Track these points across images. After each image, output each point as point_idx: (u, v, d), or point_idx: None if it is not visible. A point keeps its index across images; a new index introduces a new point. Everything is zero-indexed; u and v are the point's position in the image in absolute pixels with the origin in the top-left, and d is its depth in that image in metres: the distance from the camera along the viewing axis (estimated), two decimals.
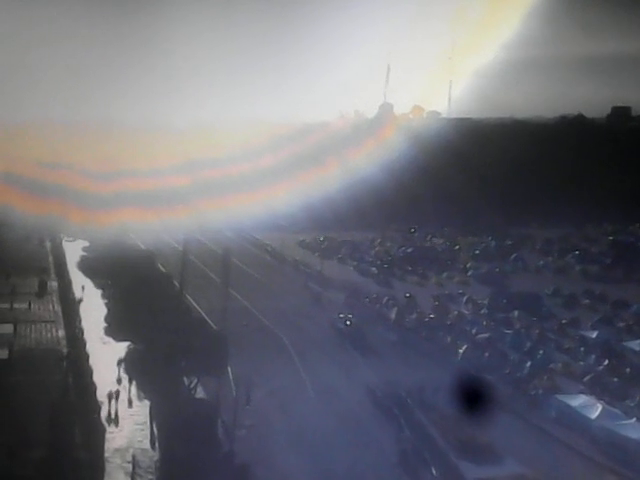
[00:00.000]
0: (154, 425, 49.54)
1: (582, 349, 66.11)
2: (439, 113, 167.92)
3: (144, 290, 63.23)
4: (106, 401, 50.85)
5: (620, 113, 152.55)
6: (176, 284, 70.47)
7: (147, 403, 52.49)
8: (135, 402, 53.24)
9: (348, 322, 70.70)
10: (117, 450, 45.87)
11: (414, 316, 74.99)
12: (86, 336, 63.32)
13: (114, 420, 49.68)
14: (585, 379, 59.07)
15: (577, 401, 52.38)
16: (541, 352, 64.60)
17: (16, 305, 75.42)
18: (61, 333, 67.66)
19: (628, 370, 60.50)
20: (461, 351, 63.91)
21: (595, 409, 50.59)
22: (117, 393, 52.06)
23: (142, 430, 48.99)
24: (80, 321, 67.70)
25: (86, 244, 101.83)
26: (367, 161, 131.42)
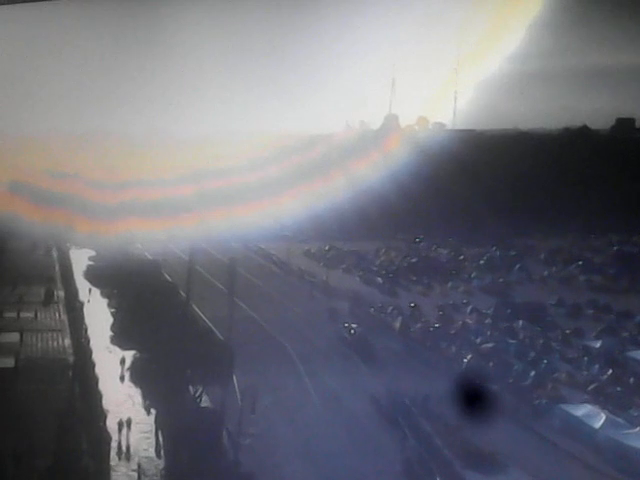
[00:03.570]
0: (159, 433, 49.78)
1: (586, 359, 66.21)
2: (444, 124, 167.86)
3: (150, 299, 63.45)
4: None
5: (624, 125, 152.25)
6: (182, 293, 70.78)
7: (153, 411, 52.73)
8: (141, 410, 53.49)
9: (353, 331, 70.94)
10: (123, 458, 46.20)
11: (419, 326, 75.19)
12: (92, 345, 63.68)
13: (125, 455, 49.41)
14: (589, 389, 59.18)
15: (581, 410, 52.50)
16: (545, 362, 64.73)
17: (23, 314, 75.78)
18: (67, 342, 68.03)
19: (632, 380, 60.60)
20: (465, 360, 64.10)
21: (599, 418, 50.71)
22: (129, 422, 51.60)
23: (147, 438, 49.24)
24: (86, 330, 68.04)
25: (92, 253, 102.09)
26: (372, 171, 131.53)
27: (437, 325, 75.13)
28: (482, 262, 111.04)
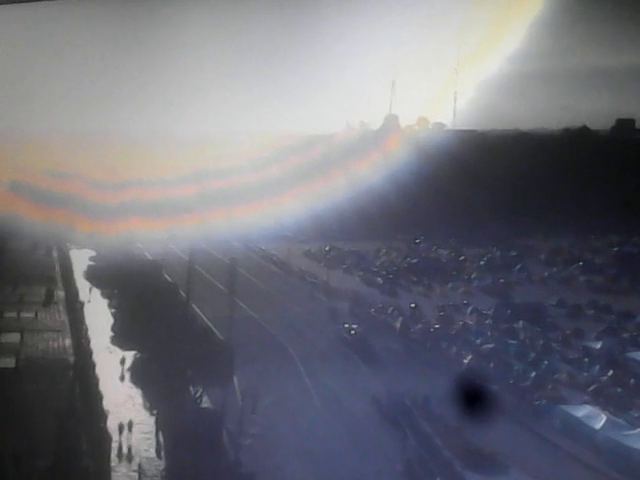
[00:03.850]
0: (160, 434, 49.78)
1: (586, 360, 66.21)
2: (444, 125, 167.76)
3: (150, 299, 63.54)
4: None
5: (624, 125, 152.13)
6: (182, 294, 70.86)
7: (153, 412, 52.70)
8: (141, 411, 53.48)
9: (353, 332, 70.96)
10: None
11: (419, 326, 75.20)
12: (92, 345, 63.66)
13: (125, 456, 49.14)
14: (589, 389, 59.21)
15: (581, 411, 52.54)
16: (545, 362, 64.76)
17: (23, 314, 75.72)
18: (67, 342, 68.00)
19: (632, 381, 60.60)
20: (466, 361, 64.12)
21: (599, 419, 50.75)
22: (130, 424, 51.48)
23: (148, 439, 49.23)
24: (86, 330, 68.02)
25: (93, 253, 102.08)
26: (373, 172, 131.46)
27: (437, 326, 75.13)
28: (482, 263, 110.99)
